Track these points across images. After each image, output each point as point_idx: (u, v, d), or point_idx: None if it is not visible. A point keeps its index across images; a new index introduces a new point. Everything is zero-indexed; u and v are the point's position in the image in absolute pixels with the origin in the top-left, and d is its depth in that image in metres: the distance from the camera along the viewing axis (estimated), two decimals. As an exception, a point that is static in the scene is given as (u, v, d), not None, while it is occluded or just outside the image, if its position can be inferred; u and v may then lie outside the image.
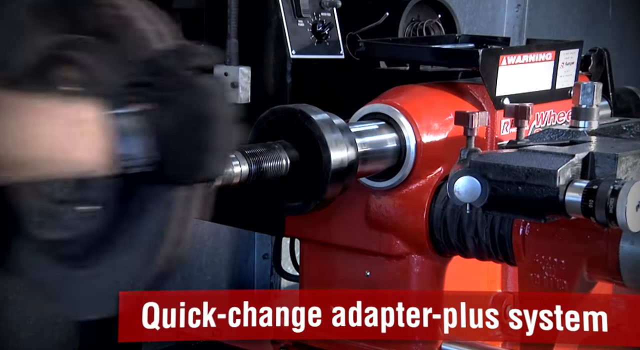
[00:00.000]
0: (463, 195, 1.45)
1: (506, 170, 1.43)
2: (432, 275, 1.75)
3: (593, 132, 1.56)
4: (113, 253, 1.38)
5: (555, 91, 1.91)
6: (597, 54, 2.06)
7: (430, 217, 1.69)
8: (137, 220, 1.33)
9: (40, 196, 1.37)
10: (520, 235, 1.58)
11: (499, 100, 1.79)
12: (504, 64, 1.78)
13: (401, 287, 1.76)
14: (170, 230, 1.31)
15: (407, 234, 1.60)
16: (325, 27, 1.97)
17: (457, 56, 1.91)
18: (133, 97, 1.21)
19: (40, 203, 1.38)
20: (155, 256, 1.34)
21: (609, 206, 1.35)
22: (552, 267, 1.53)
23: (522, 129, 1.60)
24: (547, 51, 1.88)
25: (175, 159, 1.21)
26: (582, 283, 1.53)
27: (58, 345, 2.33)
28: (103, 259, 1.38)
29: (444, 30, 2.31)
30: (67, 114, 1.17)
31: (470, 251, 1.68)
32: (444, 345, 1.77)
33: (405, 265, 1.74)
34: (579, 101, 1.58)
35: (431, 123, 1.75)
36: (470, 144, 1.58)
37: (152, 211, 1.32)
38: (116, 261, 1.38)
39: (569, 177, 1.41)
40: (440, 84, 1.88)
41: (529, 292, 1.58)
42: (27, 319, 2.26)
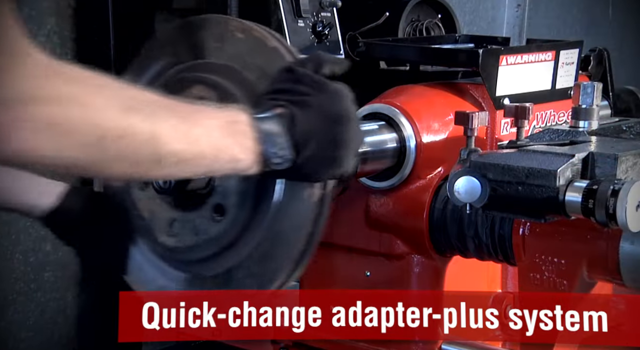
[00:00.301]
0: (463, 195, 1.45)
1: (506, 170, 1.43)
2: (432, 275, 1.75)
3: (593, 132, 1.56)
4: (240, 254, 1.46)
5: (555, 91, 1.91)
6: (597, 54, 2.06)
7: (431, 217, 1.69)
8: (273, 219, 1.43)
9: (173, 206, 1.49)
10: (520, 235, 1.58)
11: (499, 100, 1.79)
12: (504, 64, 1.79)
13: (401, 287, 1.76)
14: (307, 228, 1.42)
15: (407, 234, 1.60)
16: (325, 27, 1.97)
17: (457, 56, 1.91)
18: (274, 102, 1.34)
19: (173, 213, 1.49)
20: (293, 254, 1.44)
21: (609, 206, 1.35)
22: (552, 267, 1.53)
23: (522, 129, 1.60)
24: (547, 51, 1.88)
25: (313, 157, 1.33)
26: (582, 283, 1.53)
27: (58, 345, 2.33)
28: (231, 261, 1.47)
29: (444, 30, 2.31)
30: (224, 116, 1.29)
31: (470, 251, 1.68)
32: (444, 345, 1.77)
33: (405, 265, 1.74)
34: (579, 101, 1.58)
35: (431, 123, 1.75)
36: (470, 144, 1.58)
37: (288, 209, 1.42)
38: (246, 262, 1.48)
39: (569, 177, 1.41)
40: (440, 84, 1.88)
41: (529, 292, 1.58)
42: (27, 319, 2.26)
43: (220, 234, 1.46)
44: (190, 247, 1.49)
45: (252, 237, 1.46)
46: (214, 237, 1.47)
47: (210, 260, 1.49)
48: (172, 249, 1.51)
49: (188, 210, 1.49)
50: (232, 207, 1.45)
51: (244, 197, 1.44)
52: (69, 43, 2.24)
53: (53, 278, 2.30)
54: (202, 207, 1.47)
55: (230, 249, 1.48)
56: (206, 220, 1.47)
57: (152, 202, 1.51)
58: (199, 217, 1.47)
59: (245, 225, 1.46)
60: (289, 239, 1.44)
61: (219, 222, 1.46)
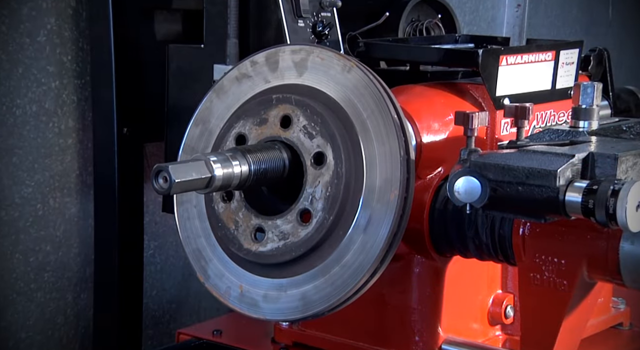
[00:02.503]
0: (463, 195, 1.45)
1: (506, 170, 1.43)
2: (432, 275, 1.75)
3: (593, 132, 1.56)
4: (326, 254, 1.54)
5: (555, 91, 1.91)
6: (597, 54, 2.05)
7: (431, 217, 1.69)
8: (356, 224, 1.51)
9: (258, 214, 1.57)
10: (520, 235, 1.58)
11: (499, 100, 1.79)
12: (504, 64, 1.79)
13: (401, 287, 1.76)
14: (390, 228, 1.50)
15: (407, 234, 1.60)
16: (325, 27, 1.97)
17: (457, 56, 1.91)
18: None
19: (258, 220, 1.57)
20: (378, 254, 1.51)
21: (609, 206, 1.35)
22: (552, 267, 1.53)
23: (522, 129, 1.60)
24: (547, 51, 1.88)
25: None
26: (582, 283, 1.53)
27: (58, 345, 2.33)
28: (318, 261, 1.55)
29: (444, 30, 2.31)
30: None
31: (470, 251, 1.68)
32: (444, 345, 1.77)
33: (405, 265, 1.74)
34: (579, 101, 1.58)
35: (431, 123, 1.75)
36: (470, 144, 1.58)
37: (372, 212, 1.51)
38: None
39: (569, 177, 1.41)
40: (440, 84, 1.88)
41: (529, 292, 1.58)
42: (27, 319, 2.26)
43: (308, 237, 1.53)
44: (277, 251, 1.56)
45: (337, 239, 1.53)
46: (302, 240, 1.54)
47: (297, 261, 1.56)
48: (259, 254, 1.58)
49: (274, 218, 1.57)
50: (318, 211, 1.53)
51: (331, 201, 1.51)
52: (69, 43, 2.24)
53: (53, 278, 2.30)
54: (288, 213, 1.55)
55: (317, 250, 1.55)
56: (293, 225, 1.55)
57: (236, 213, 1.60)
58: (285, 223, 1.55)
59: (331, 228, 1.53)
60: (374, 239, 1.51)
61: (306, 226, 1.54)
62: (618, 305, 1.99)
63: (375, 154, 1.53)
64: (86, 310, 2.36)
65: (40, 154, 2.23)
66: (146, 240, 2.40)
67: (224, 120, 1.64)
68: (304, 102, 1.55)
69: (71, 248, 2.32)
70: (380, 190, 1.52)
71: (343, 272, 1.53)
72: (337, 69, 1.57)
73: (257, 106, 1.60)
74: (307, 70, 1.60)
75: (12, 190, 2.19)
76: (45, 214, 2.26)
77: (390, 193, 1.50)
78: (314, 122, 1.54)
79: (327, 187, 1.52)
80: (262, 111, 1.58)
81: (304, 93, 1.58)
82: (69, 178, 2.29)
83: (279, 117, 1.57)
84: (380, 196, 1.51)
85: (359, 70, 1.56)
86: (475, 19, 3.57)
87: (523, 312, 1.64)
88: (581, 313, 1.58)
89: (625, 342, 1.97)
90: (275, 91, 1.60)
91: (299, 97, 1.56)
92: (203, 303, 2.63)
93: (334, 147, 1.52)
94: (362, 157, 1.53)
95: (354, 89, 1.56)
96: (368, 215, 1.52)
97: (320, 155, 1.53)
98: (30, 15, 2.16)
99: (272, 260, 1.57)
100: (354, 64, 1.56)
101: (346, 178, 1.52)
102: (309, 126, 1.54)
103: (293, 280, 1.58)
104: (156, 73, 2.19)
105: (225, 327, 2.04)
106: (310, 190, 1.53)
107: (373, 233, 1.51)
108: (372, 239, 1.51)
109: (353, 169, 1.53)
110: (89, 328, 2.36)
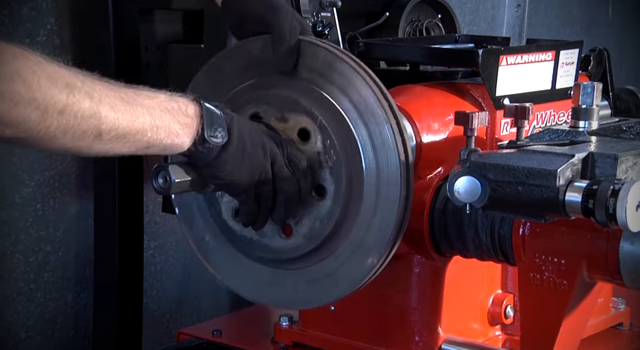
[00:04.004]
0: (463, 195, 1.45)
1: (506, 170, 1.43)
2: (432, 275, 1.75)
3: (593, 132, 1.56)
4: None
5: (555, 91, 1.91)
6: (597, 54, 2.05)
7: (431, 217, 1.69)
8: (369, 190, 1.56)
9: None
10: (520, 235, 1.58)
11: (499, 100, 1.79)
12: (504, 64, 1.78)
13: (401, 287, 1.76)
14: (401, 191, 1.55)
15: (407, 234, 1.60)
16: (325, 27, 1.97)
17: (457, 56, 1.91)
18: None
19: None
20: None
21: (609, 206, 1.35)
22: (552, 267, 1.53)
23: (522, 129, 1.60)
24: (547, 51, 1.88)
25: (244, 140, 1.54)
26: (582, 283, 1.53)
27: (58, 345, 2.33)
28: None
29: (444, 30, 2.31)
30: (164, 95, 1.44)
31: (470, 251, 1.68)
32: (444, 345, 1.77)
33: (405, 265, 1.74)
34: (579, 101, 1.58)
35: (431, 123, 1.75)
36: (470, 144, 1.58)
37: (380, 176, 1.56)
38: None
39: (569, 177, 1.41)
40: (440, 84, 1.88)
41: (529, 292, 1.58)
42: (27, 319, 2.26)
43: (328, 211, 1.59)
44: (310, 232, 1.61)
45: (355, 209, 1.58)
46: (325, 215, 1.59)
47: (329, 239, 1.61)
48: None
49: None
50: (329, 185, 1.58)
51: (338, 174, 1.57)
52: (69, 43, 2.24)
53: (53, 278, 2.30)
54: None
55: (342, 224, 1.59)
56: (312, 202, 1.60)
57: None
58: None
59: (347, 199, 1.57)
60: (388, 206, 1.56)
61: (323, 200, 1.59)
62: (618, 305, 1.99)
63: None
64: (86, 310, 2.36)
65: (40, 154, 2.22)
66: (146, 240, 2.39)
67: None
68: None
69: (71, 248, 2.32)
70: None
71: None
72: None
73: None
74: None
75: (12, 190, 2.19)
76: (45, 214, 2.26)
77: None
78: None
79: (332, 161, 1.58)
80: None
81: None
82: (69, 178, 2.29)
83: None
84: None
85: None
86: (475, 19, 3.57)
87: (523, 312, 1.64)
88: (581, 313, 1.58)
89: (625, 342, 1.97)
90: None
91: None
92: (203, 303, 2.63)
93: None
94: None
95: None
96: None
97: (305, 131, 1.59)
98: (30, 15, 2.16)
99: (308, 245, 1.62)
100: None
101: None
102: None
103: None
104: (156, 73, 2.19)
105: (225, 327, 2.04)
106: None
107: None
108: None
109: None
110: (89, 328, 2.36)
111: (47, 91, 1.24)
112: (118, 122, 1.34)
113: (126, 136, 1.36)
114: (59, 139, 1.29)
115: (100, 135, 1.32)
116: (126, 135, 1.36)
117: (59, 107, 1.25)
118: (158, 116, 1.40)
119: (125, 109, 1.35)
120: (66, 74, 1.29)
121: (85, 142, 1.32)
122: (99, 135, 1.32)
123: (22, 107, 1.21)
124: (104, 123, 1.32)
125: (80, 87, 1.29)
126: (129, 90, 1.39)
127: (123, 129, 1.35)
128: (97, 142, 1.33)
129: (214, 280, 1.79)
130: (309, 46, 1.61)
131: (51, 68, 1.27)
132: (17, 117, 1.22)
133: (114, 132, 1.34)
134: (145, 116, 1.38)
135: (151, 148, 1.42)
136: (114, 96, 1.34)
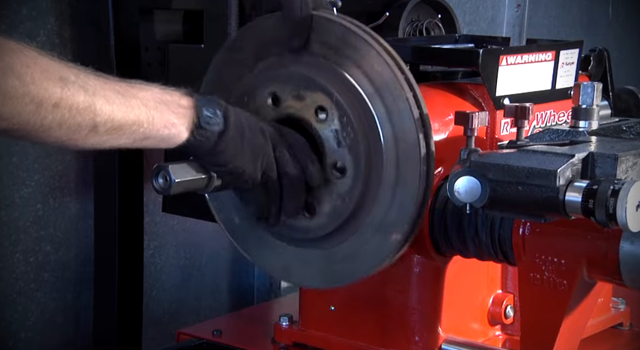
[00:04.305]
0: (463, 195, 1.45)
1: (506, 170, 1.43)
2: (432, 275, 1.75)
3: (593, 132, 1.56)
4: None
5: (555, 91, 1.91)
6: (597, 54, 2.05)
7: (431, 217, 1.69)
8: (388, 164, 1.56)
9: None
10: (520, 235, 1.58)
11: (499, 100, 1.79)
12: (504, 64, 1.78)
13: (401, 287, 1.76)
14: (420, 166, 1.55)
15: (407, 234, 1.60)
16: (326, 27, 1.96)
17: (457, 56, 1.91)
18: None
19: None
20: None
21: (609, 206, 1.35)
22: (552, 267, 1.53)
23: (522, 129, 1.60)
24: (547, 51, 1.88)
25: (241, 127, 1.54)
26: (582, 283, 1.53)
27: (58, 345, 2.33)
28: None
29: (444, 30, 2.31)
30: (158, 88, 1.45)
31: (470, 251, 1.68)
32: (444, 345, 1.77)
33: (405, 265, 1.74)
34: (579, 101, 1.58)
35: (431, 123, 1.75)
36: (470, 144, 1.58)
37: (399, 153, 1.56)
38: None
39: (569, 177, 1.41)
40: (440, 84, 1.88)
41: (529, 292, 1.58)
42: (27, 319, 2.26)
43: (349, 189, 1.58)
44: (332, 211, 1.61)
45: (375, 186, 1.57)
46: (346, 193, 1.58)
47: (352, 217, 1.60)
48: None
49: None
50: (349, 163, 1.57)
51: (357, 151, 1.56)
52: (69, 43, 2.24)
53: (53, 278, 2.30)
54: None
55: (363, 201, 1.58)
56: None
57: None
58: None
59: (367, 176, 1.57)
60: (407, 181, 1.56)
61: (343, 178, 1.58)
62: (618, 305, 1.99)
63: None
64: (86, 310, 2.36)
65: (40, 153, 2.22)
66: (146, 240, 2.39)
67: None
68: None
69: (71, 248, 2.32)
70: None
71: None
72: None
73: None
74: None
75: (12, 190, 2.19)
76: (45, 214, 2.26)
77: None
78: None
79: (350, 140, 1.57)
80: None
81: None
82: (69, 178, 2.29)
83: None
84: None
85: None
86: (475, 19, 3.57)
87: (523, 312, 1.64)
88: (581, 313, 1.58)
89: (625, 342, 1.97)
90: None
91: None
92: (203, 303, 2.63)
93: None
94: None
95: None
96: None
97: (322, 108, 1.58)
98: (30, 15, 2.16)
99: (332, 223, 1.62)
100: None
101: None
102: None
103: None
104: (156, 73, 2.19)
105: (225, 327, 2.04)
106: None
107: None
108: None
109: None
110: (89, 328, 2.36)
111: (41, 84, 1.25)
112: (113, 114, 1.35)
113: (122, 128, 1.36)
114: (55, 132, 1.30)
115: (96, 128, 1.33)
116: (122, 127, 1.36)
117: (53, 100, 1.27)
118: (153, 107, 1.40)
119: (120, 101, 1.36)
120: (60, 67, 1.30)
121: (81, 135, 1.33)
122: (95, 127, 1.33)
123: (17, 100, 1.23)
124: (99, 115, 1.33)
125: (74, 80, 1.30)
126: (123, 83, 1.40)
127: (118, 120, 1.35)
128: (93, 135, 1.34)
129: (213, 279, 1.79)
130: (322, 21, 1.60)
131: (45, 62, 1.28)
132: (12, 110, 1.23)
133: (110, 124, 1.34)
134: (140, 108, 1.38)
135: (149, 140, 1.42)
136: (108, 89, 1.35)
